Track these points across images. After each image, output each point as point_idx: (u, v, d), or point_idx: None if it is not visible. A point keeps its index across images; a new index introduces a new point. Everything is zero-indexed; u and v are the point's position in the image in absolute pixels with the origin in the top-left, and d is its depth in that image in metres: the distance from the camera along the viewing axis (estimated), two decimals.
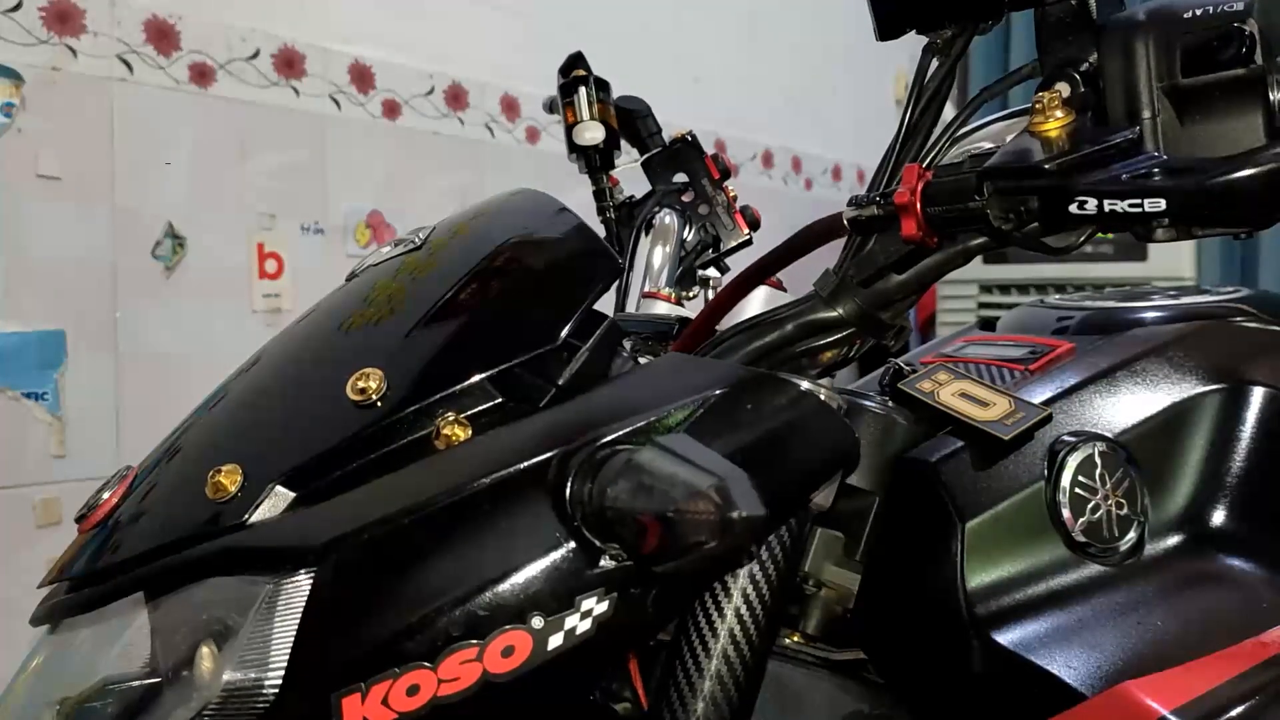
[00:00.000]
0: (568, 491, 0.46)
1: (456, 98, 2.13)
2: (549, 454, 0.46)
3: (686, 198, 0.91)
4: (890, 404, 0.66)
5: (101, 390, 1.60)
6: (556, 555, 0.45)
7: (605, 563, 0.45)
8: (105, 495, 0.55)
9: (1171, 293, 0.84)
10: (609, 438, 0.47)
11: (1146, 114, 0.50)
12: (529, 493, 0.46)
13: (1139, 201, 0.45)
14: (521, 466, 0.46)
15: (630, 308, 0.84)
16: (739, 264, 0.78)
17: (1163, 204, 0.45)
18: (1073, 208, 0.47)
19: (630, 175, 0.95)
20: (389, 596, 0.45)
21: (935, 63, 0.58)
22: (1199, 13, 0.49)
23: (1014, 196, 0.49)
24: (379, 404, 0.51)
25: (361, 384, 0.51)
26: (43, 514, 1.54)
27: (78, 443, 1.57)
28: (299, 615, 0.45)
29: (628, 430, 0.47)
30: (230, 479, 0.49)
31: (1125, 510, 0.63)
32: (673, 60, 2.49)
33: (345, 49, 1.93)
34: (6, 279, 1.50)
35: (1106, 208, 0.46)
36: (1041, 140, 0.50)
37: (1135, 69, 0.50)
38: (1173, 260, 2.50)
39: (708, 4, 2.69)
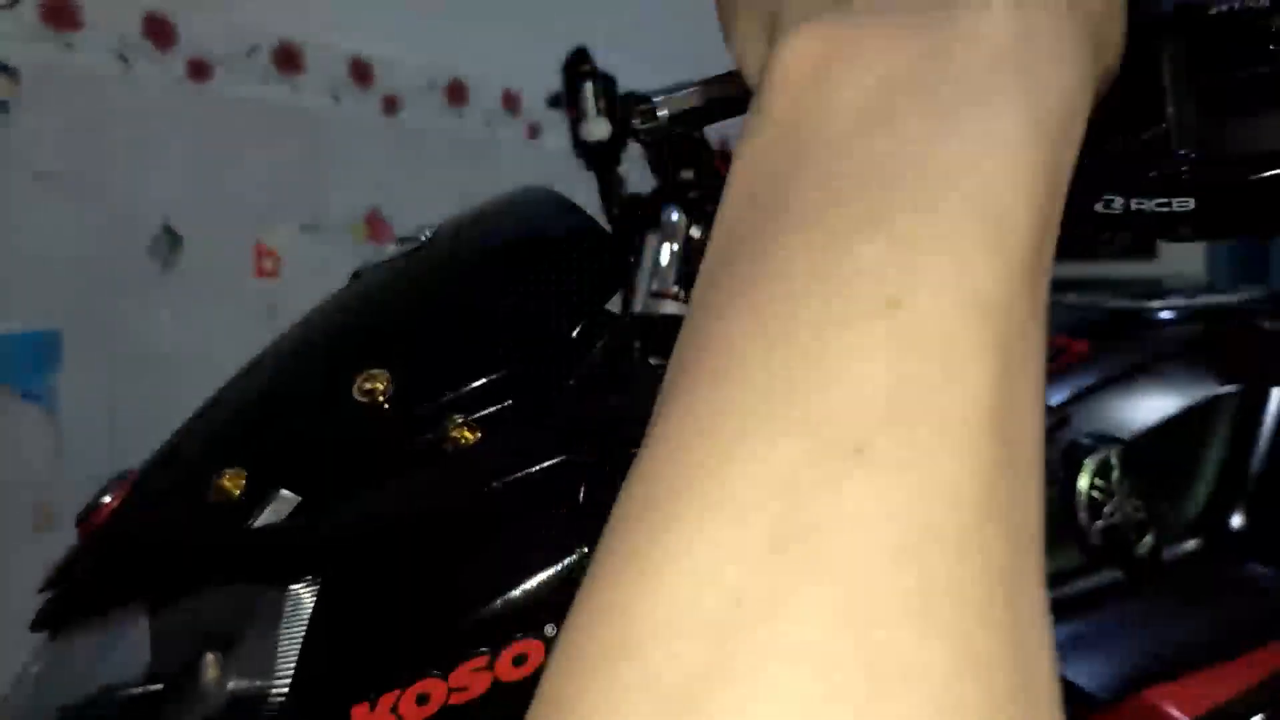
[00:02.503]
0: (581, 495, 0.45)
1: (456, 94, 2.11)
2: (562, 457, 0.45)
3: (693, 195, 0.90)
4: None
5: (97, 390, 1.59)
6: (570, 562, 0.44)
7: None
8: (106, 499, 0.53)
9: (1187, 293, 0.83)
10: (624, 441, 0.46)
11: (1172, 111, 0.49)
12: (542, 497, 0.45)
13: (1167, 201, 0.44)
14: (534, 470, 0.45)
15: (637, 307, 0.83)
16: None
17: (1191, 203, 0.44)
18: (1098, 206, 0.46)
19: (636, 172, 0.94)
20: (398, 604, 0.44)
21: None
22: (1225, 9, 0.48)
23: None
24: (386, 405, 0.50)
25: (368, 385, 0.50)
26: (39, 516, 1.52)
27: (74, 444, 1.55)
28: (305, 623, 0.44)
29: (644, 434, 0.46)
30: (234, 482, 0.48)
31: (1143, 514, 0.62)
32: (675, 57, 2.48)
33: (344, 45, 1.92)
34: (2, 277, 1.49)
35: (1133, 206, 0.45)
36: None
37: (1160, 66, 0.49)
38: (1183, 259, 2.50)
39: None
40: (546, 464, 0.46)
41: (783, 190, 0.19)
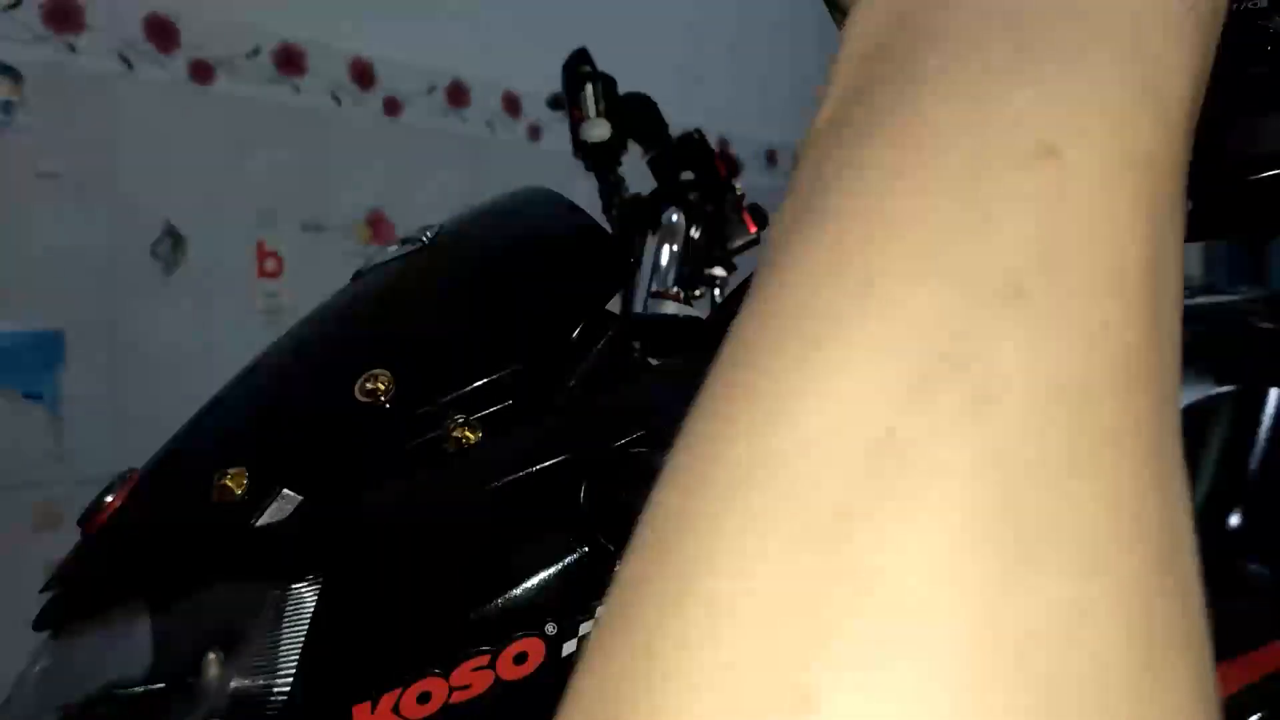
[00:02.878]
0: (583, 495, 0.45)
1: (457, 95, 2.12)
2: (564, 457, 0.46)
3: (693, 196, 0.90)
4: None
5: (100, 390, 1.59)
6: (572, 561, 0.44)
7: None
8: (108, 498, 0.54)
9: (1185, 293, 0.83)
10: (625, 440, 0.46)
11: None
12: (544, 497, 0.45)
13: None
14: (536, 470, 0.46)
15: (637, 307, 0.83)
16: (746, 263, 0.77)
17: (1190, 204, 0.44)
18: None
19: (636, 173, 0.94)
20: (400, 603, 0.44)
21: None
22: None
23: None
24: (388, 405, 0.50)
25: (370, 385, 0.50)
26: (41, 516, 1.53)
27: (76, 443, 1.56)
28: (308, 621, 0.44)
29: (645, 433, 0.47)
30: (236, 481, 0.48)
31: None
32: (676, 56, 2.48)
33: (346, 46, 1.92)
34: (5, 278, 1.49)
35: None
36: None
37: None
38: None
39: (710, 1, 2.68)
40: (547, 464, 0.46)
41: (916, 37, 0.18)
